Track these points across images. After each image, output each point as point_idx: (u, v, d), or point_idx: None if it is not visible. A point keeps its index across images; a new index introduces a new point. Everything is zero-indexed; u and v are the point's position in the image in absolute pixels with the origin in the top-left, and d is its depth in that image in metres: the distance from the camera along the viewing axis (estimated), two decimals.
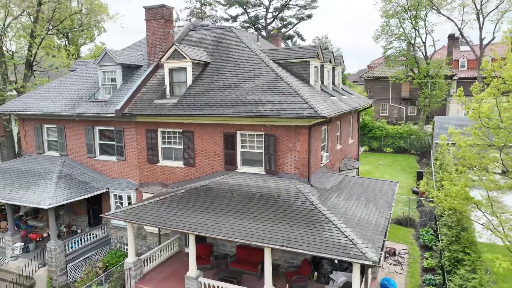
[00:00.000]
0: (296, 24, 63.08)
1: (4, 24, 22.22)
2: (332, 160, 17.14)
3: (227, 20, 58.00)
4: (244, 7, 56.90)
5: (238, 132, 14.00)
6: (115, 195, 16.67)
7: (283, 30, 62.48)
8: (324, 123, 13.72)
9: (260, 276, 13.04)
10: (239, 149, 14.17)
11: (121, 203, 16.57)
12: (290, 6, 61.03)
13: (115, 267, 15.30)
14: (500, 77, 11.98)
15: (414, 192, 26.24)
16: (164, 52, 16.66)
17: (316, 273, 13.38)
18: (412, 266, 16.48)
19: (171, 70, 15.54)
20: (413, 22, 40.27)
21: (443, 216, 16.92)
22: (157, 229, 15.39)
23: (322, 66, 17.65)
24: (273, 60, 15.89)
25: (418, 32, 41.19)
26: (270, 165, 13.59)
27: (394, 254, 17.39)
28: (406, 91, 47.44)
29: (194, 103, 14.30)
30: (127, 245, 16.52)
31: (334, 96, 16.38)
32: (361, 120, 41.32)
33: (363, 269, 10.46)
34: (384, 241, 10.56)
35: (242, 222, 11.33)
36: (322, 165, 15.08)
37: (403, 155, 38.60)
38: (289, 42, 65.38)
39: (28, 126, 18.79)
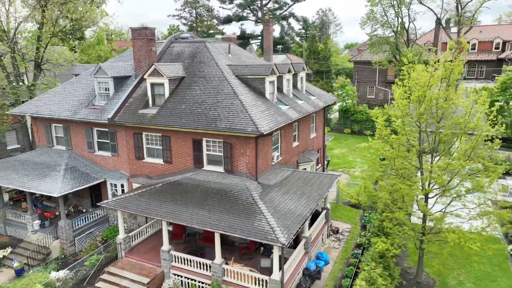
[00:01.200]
0: (292, 5, 64.55)
1: (15, 31, 25.53)
2: (288, 156, 20.81)
3: (223, 2, 59.96)
4: None
5: (204, 139, 17.68)
6: (111, 184, 20.73)
7: (279, 11, 64.09)
8: (276, 130, 17.27)
9: (224, 247, 17.12)
10: (205, 152, 17.91)
11: (116, 190, 20.65)
12: None
13: (112, 240, 19.57)
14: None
15: None
16: (148, 66, 20.11)
17: (262, 248, 17.46)
18: (349, 242, 20.48)
19: (152, 85, 19.05)
20: (397, 10, 42.21)
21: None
22: None
23: (280, 77, 20.91)
24: (236, 76, 19.25)
25: (402, 19, 43.18)
26: (228, 166, 17.35)
27: (337, 232, 21.39)
28: (392, 75, 49.78)
29: (169, 115, 17.91)
30: (119, 220, 20.68)
31: (287, 105, 19.79)
32: (344, 104, 44.49)
33: (283, 249, 14.35)
34: (299, 228, 14.40)
35: (199, 212, 15.27)
36: (273, 163, 18.80)
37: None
38: (284, 23, 67.13)
39: (39, 124, 22.70)
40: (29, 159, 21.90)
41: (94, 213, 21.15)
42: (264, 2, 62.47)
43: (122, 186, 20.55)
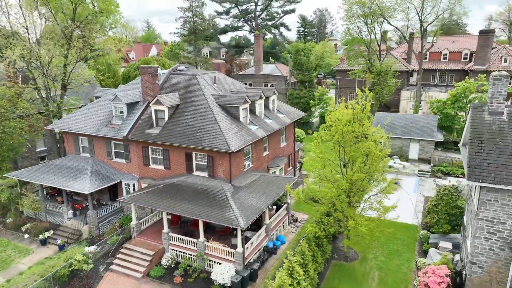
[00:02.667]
0: (282, 16, 70.48)
1: (48, 65, 31.97)
2: (259, 163, 27.40)
3: (220, 14, 66.00)
4: (236, 2, 64.62)
5: (193, 152, 24.31)
6: (125, 183, 27.50)
7: (270, 22, 70.07)
8: (247, 146, 23.80)
9: (204, 232, 23.89)
10: (194, 162, 24.55)
11: (129, 188, 27.41)
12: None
13: (126, 225, 26.37)
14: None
15: None
16: (153, 95, 26.70)
17: (235, 231, 24.16)
18: (304, 228, 27.14)
19: (156, 110, 25.64)
20: (370, 29, 48.29)
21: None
22: None
23: (253, 102, 27.39)
24: (218, 104, 25.78)
25: (375, 37, 49.27)
26: (210, 172, 24.00)
27: (296, 221, 28.08)
28: (369, 82, 55.88)
29: (168, 135, 24.54)
30: (133, 212, 27.51)
31: (256, 126, 26.31)
32: (324, 111, 50.84)
33: (243, 232, 20.95)
34: (257, 217, 21.06)
35: (189, 205, 21.97)
36: (246, 169, 25.42)
37: None
38: (276, 31, 73.07)
39: (69, 137, 29.44)
40: (63, 163, 28.70)
41: (113, 205, 27.99)
42: (257, 13, 68.49)
43: (134, 185, 27.30)
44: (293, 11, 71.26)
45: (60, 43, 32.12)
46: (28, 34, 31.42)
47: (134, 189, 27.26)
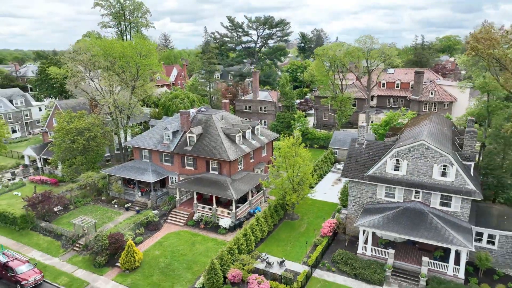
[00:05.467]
0: (276, 51, 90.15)
1: (120, 109, 52.40)
2: (247, 166, 47.37)
3: (228, 50, 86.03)
4: (240, 42, 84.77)
5: (210, 160, 44.46)
6: (170, 177, 47.78)
7: (269, 52, 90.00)
8: (240, 157, 43.66)
9: (216, 203, 43.81)
10: (210, 165, 44.69)
11: (173, 180, 47.65)
12: (273, 37, 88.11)
13: (171, 201, 46.47)
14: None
15: None
16: (187, 127, 46.96)
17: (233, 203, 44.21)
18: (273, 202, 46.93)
19: (189, 136, 45.86)
20: (333, 70, 67.79)
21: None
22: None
23: (244, 131, 47.36)
24: (224, 133, 45.85)
25: (339, 75, 68.73)
26: (219, 171, 44.10)
27: (267, 198, 47.94)
28: (334, 107, 75.31)
29: (196, 150, 44.73)
30: (176, 193, 47.74)
31: (245, 145, 46.27)
32: (303, 128, 70.53)
33: (236, 202, 40.81)
34: (242, 194, 41.04)
35: (207, 188, 42.09)
36: (239, 170, 45.46)
37: (322, 150, 67.80)
38: (273, 60, 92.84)
39: (136, 149, 49.89)
40: (133, 165, 49.09)
41: (162, 190, 48.28)
42: (257, 49, 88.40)
43: (175, 178, 47.52)
44: (287, 41, 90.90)
45: (128, 91, 52.66)
46: (113, 91, 52.07)
47: (175, 180, 47.46)
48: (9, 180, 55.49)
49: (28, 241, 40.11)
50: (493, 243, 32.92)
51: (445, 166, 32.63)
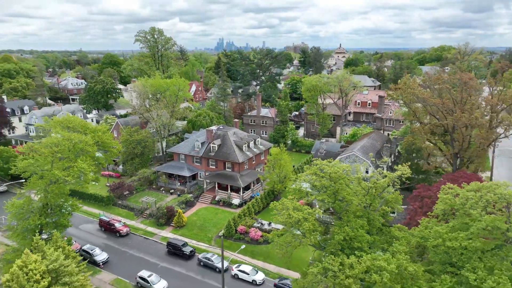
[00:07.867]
0: (276, 75, 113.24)
1: (163, 128, 76.24)
2: (251, 166, 70.94)
3: (236, 75, 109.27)
4: (247, 70, 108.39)
5: (226, 162, 68.11)
6: (199, 173, 71.56)
7: (270, 77, 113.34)
8: (245, 160, 67.03)
9: (230, 190, 67.27)
10: (226, 165, 68.36)
11: (200, 174, 71.39)
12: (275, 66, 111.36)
13: (200, 188, 70.04)
14: None
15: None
16: (211, 140, 70.74)
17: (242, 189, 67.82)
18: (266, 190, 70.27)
19: (212, 146, 69.61)
20: (317, 93, 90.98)
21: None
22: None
23: (248, 143, 70.92)
24: (235, 144, 69.50)
25: (320, 97, 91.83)
26: (232, 169, 67.74)
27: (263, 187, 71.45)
28: (318, 121, 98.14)
29: (217, 155, 68.46)
30: (204, 183, 71.36)
31: (249, 152, 69.81)
32: (293, 137, 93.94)
33: (243, 189, 64.21)
34: (248, 183, 64.58)
35: (224, 180, 65.77)
36: (245, 168, 69.08)
37: (307, 154, 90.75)
38: (275, 83, 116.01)
39: (175, 154, 73.82)
40: (173, 164, 72.95)
41: (194, 181, 72.06)
42: (260, 75, 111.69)
43: (202, 174, 71.23)
44: (284, 65, 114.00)
45: (168, 112, 76.56)
46: (159, 114, 76.04)
47: (203, 175, 71.13)
48: None
49: (113, 212, 64.14)
50: None
51: (367, 167, 55.74)
